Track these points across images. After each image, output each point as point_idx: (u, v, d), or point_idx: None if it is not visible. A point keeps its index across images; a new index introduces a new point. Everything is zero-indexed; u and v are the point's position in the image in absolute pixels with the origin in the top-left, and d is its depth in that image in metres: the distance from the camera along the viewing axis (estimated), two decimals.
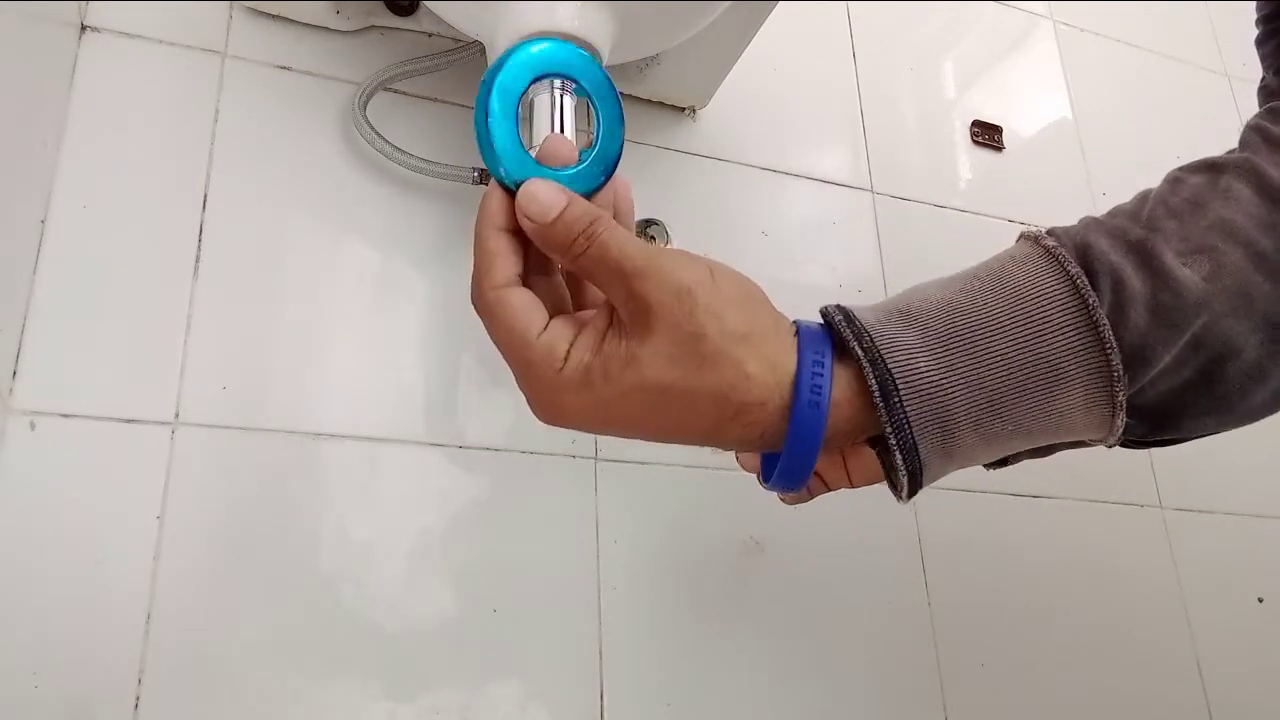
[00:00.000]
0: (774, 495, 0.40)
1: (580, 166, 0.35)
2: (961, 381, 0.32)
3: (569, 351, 0.32)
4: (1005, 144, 1.05)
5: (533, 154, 0.35)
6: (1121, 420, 0.33)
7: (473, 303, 0.34)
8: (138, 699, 0.55)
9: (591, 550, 0.69)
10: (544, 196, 0.32)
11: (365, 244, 0.71)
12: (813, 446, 0.32)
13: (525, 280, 0.34)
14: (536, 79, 0.36)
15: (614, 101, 0.37)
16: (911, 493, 0.34)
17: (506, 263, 0.33)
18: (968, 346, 0.32)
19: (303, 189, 0.70)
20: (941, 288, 0.35)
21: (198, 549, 0.59)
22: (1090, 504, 0.90)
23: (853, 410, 0.33)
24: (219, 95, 0.69)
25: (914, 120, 1.02)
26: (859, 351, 0.32)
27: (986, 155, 1.04)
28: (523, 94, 0.35)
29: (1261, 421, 0.39)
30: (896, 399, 0.32)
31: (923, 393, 0.32)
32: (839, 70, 1.00)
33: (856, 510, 0.76)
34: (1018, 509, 0.86)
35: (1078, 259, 0.33)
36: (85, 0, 0.68)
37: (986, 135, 1.04)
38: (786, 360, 0.32)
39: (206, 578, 0.58)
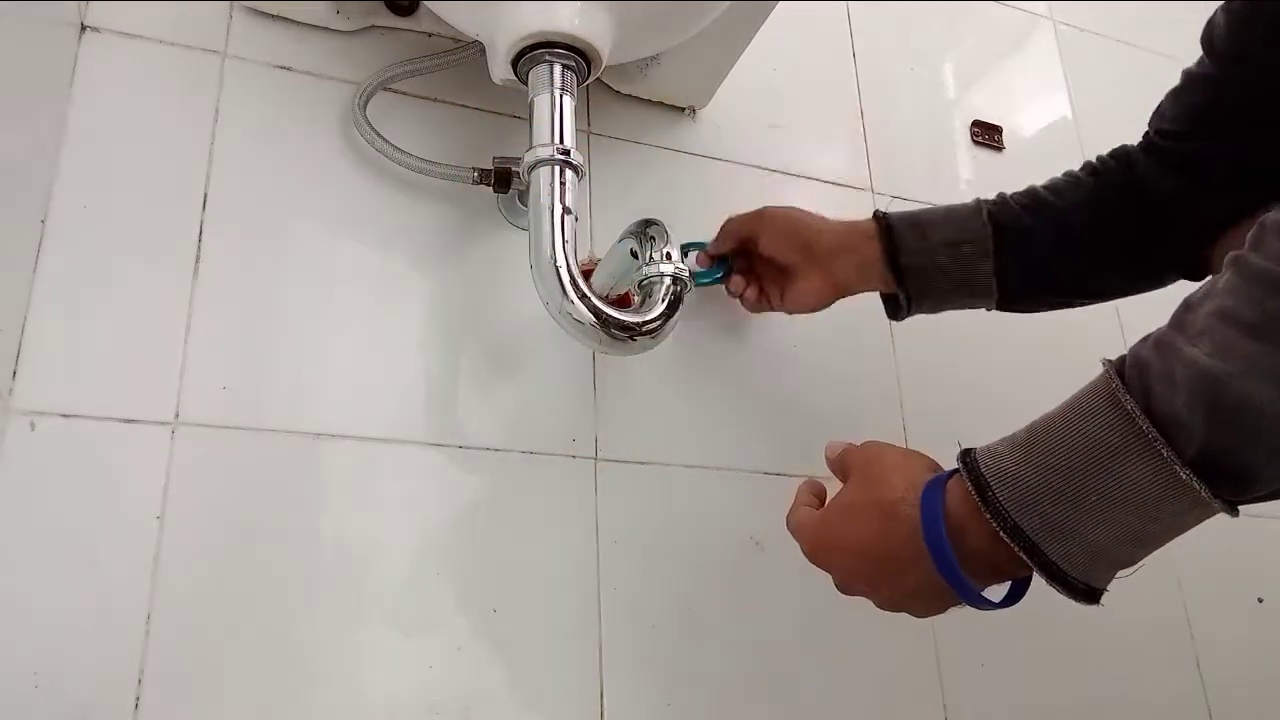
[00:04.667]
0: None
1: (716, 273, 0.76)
2: (1035, 467, 0.43)
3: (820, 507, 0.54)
4: (1005, 144, 1.05)
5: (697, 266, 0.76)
6: (1190, 479, 0.39)
7: (787, 519, 0.55)
8: (138, 699, 0.55)
9: (591, 550, 0.69)
10: (831, 453, 0.55)
11: (365, 244, 0.71)
12: (936, 519, 0.45)
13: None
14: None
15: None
16: (1063, 583, 0.43)
17: (808, 497, 0.55)
18: (1040, 442, 0.44)
19: (303, 189, 0.70)
20: None
21: (198, 549, 0.59)
22: None
23: (968, 509, 0.45)
24: (219, 95, 0.69)
25: (914, 120, 1.02)
26: (962, 466, 0.45)
27: (986, 155, 1.04)
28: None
29: None
30: (990, 493, 0.43)
31: (1009, 482, 0.43)
32: (839, 70, 1.00)
33: None
34: None
35: (1118, 365, 0.43)
36: (85, 0, 0.68)
37: (986, 135, 1.04)
38: (922, 480, 0.48)
39: (206, 578, 0.58)
